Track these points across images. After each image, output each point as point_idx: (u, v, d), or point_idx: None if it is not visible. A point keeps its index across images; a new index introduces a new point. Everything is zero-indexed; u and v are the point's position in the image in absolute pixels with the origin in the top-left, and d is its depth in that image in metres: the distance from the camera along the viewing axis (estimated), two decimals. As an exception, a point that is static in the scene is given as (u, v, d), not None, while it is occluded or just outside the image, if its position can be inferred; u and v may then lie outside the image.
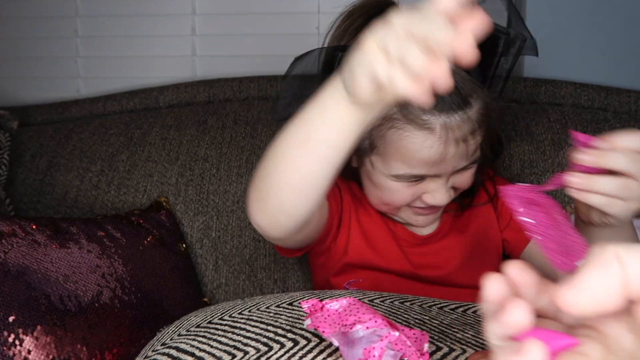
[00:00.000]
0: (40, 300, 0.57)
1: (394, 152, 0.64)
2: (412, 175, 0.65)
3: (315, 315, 0.39)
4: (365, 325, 0.37)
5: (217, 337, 0.44)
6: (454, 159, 0.64)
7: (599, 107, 1.04)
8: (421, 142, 0.62)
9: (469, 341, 0.43)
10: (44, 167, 1.02)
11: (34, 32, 1.29)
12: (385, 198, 0.69)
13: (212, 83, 1.13)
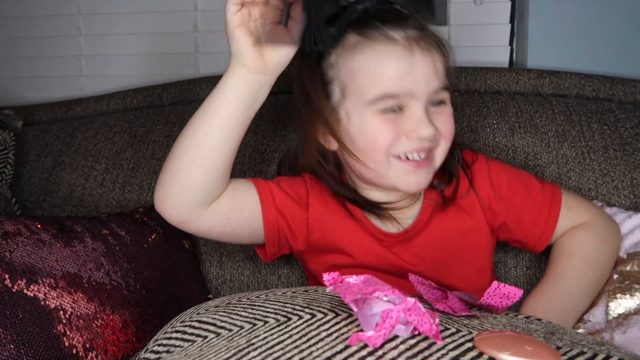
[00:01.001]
0: (46, 298, 0.57)
1: (364, 76, 0.66)
2: (388, 96, 0.65)
3: (336, 284, 0.41)
4: (384, 293, 0.39)
5: (237, 311, 0.46)
6: (424, 73, 0.65)
7: (604, 97, 1.03)
8: (387, 54, 0.65)
9: (475, 326, 0.43)
10: (49, 166, 1.03)
11: (36, 31, 1.29)
12: (369, 142, 0.67)
13: (214, 80, 1.10)
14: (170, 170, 0.66)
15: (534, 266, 0.87)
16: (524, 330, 0.44)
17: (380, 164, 0.68)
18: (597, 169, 0.89)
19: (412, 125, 0.66)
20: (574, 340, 0.43)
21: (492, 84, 1.06)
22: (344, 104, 0.68)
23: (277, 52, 0.64)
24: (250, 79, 0.64)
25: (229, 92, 0.64)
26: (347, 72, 0.67)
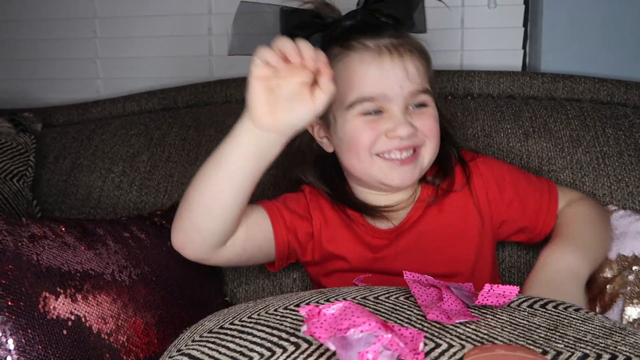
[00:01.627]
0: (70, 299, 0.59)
1: (342, 82, 0.72)
2: (364, 98, 0.71)
3: (311, 321, 0.41)
4: (360, 329, 0.39)
5: (225, 342, 0.47)
6: (395, 76, 0.71)
7: (619, 102, 1.03)
8: (360, 59, 0.72)
9: (469, 336, 0.44)
10: (68, 168, 1.04)
11: (53, 33, 1.31)
12: (352, 141, 0.73)
13: (229, 83, 1.14)
14: (186, 217, 0.68)
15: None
16: (527, 328, 0.45)
17: (364, 161, 0.73)
18: (611, 175, 0.89)
19: (390, 125, 0.71)
20: (578, 336, 0.43)
21: (505, 88, 1.06)
22: (331, 109, 0.73)
23: (292, 113, 0.64)
24: (258, 134, 0.65)
25: (237, 145, 0.66)
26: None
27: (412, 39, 0.76)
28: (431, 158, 0.75)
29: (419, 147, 0.73)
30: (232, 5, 1.24)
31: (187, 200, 0.68)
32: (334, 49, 0.74)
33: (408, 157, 0.73)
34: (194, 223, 0.67)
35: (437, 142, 0.75)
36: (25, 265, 0.57)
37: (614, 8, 1.11)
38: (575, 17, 1.13)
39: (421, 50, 0.75)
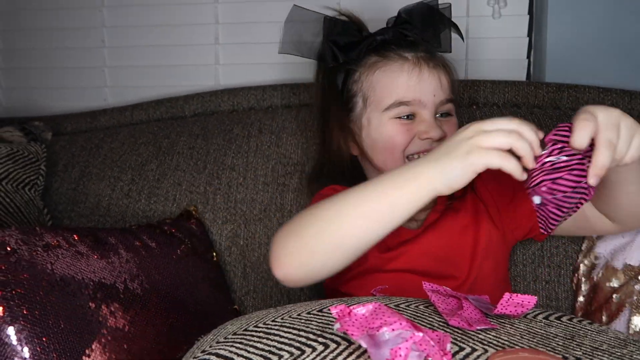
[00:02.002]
0: (85, 309, 0.60)
1: (381, 88, 0.79)
2: (401, 102, 0.77)
3: (343, 319, 0.42)
4: (391, 328, 0.40)
5: (253, 342, 0.47)
6: (431, 85, 0.78)
7: (624, 111, 1.03)
8: (399, 69, 0.78)
9: (491, 341, 0.44)
10: (77, 176, 1.05)
11: (62, 43, 1.33)
12: (388, 143, 0.78)
13: (235, 92, 1.15)
14: (309, 245, 0.60)
15: (554, 280, 0.88)
16: (545, 336, 0.45)
17: (399, 161, 0.77)
18: (617, 184, 0.89)
19: (424, 127, 0.77)
20: (594, 345, 0.44)
21: (510, 97, 1.07)
22: (365, 112, 0.81)
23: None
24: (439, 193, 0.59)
25: (414, 200, 0.58)
26: (368, 85, 0.81)
27: (441, 55, 0.84)
28: None
29: None
30: (238, 15, 1.27)
31: (317, 232, 0.60)
32: (370, 57, 0.82)
33: None
34: (317, 254, 0.60)
35: None
36: (40, 275, 0.58)
37: (618, 18, 1.12)
38: (579, 28, 1.14)
39: (448, 65, 0.83)
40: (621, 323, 0.71)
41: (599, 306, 0.77)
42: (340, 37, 0.82)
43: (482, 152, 0.54)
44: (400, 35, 0.82)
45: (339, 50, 0.82)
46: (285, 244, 0.61)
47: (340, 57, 0.82)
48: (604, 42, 1.13)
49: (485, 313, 0.50)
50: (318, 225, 0.60)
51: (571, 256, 0.87)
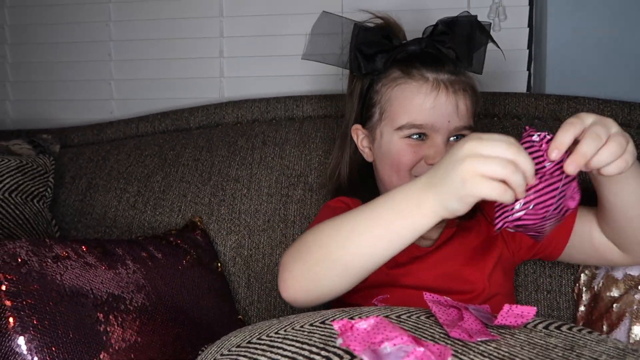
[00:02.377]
0: (93, 319, 0.61)
1: (397, 105, 0.78)
2: (414, 125, 0.76)
3: (346, 334, 0.43)
4: (393, 343, 0.41)
5: (256, 356, 0.48)
6: (446, 111, 0.76)
7: (623, 123, 1.04)
8: (417, 89, 0.77)
9: (491, 353, 0.45)
10: (84, 188, 1.07)
11: (70, 56, 1.35)
12: (395, 161, 0.78)
13: (240, 104, 1.17)
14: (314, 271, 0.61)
15: (555, 290, 0.88)
16: (545, 347, 0.46)
17: (403, 180, 0.77)
18: (616, 195, 0.90)
19: (431, 152, 0.76)
20: (593, 356, 0.45)
21: (511, 109, 1.08)
22: (380, 125, 0.81)
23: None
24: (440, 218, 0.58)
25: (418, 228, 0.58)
26: (386, 99, 0.81)
27: (468, 77, 0.81)
28: None
29: None
30: (243, 29, 1.29)
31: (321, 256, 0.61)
32: (394, 71, 0.80)
33: None
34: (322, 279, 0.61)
35: None
36: (49, 285, 0.59)
37: (617, 31, 1.14)
38: (578, 40, 1.15)
39: (473, 89, 0.81)
40: (621, 332, 0.72)
41: (599, 315, 0.77)
42: (367, 46, 0.81)
43: (478, 182, 0.52)
44: (432, 48, 0.80)
45: (365, 60, 0.81)
46: (292, 269, 0.62)
47: (364, 68, 0.81)
48: (603, 54, 1.15)
49: (486, 324, 0.51)
50: (322, 251, 0.61)
51: (572, 266, 0.87)
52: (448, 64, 0.79)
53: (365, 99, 0.84)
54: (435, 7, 1.18)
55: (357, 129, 0.85)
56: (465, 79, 0.80)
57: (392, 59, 0.80)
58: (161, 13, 1.30)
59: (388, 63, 0.81)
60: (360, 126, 0.85)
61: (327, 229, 0.62)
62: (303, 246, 0.62)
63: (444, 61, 0.79)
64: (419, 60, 0.79)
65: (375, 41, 0.81)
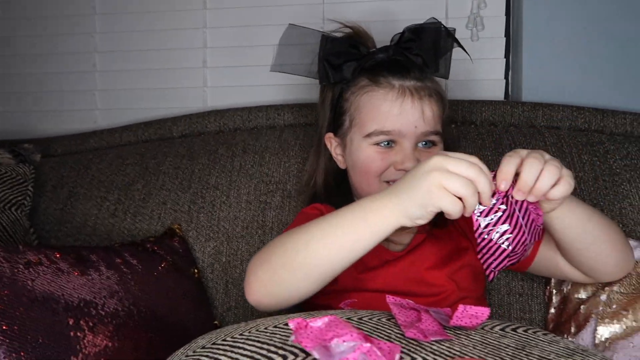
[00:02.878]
0: (64, 325, 0.62)
1: (365, 113, 0.80)
2: (381, 132, 0.78)
3: (299, 332, 0.44)
4: (342, 339, 0.42)
5: (217, 356, 0.49)
6: (413, 117, 0.77)
7: (596, 129, 1.07)
8: (383, 96, 0.79)
9: (443, 352, 0.46)
10: (65, 196, 1.08)
11: (55, 67, 1.37)
12: (363, 168, 0.80)
13: (222, 113, 1.18)
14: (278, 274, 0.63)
15: (527, 293, 0.90)
16: (497, 347, 0.47)
17: (373, 186, 0.79)
18: (587, 199, 0.92)
19: (400, 158, 0.78)
20: (542, 355, 0.46)
21: (487, 116, 1.10)
22: (350, 132, 0.83)
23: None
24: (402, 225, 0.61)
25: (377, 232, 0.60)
26: (355, 107, 0.82)
27: (434, 83, 0.83)
28: None
29: None
30: (226, 40, 1.31)
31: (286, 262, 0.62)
32: (362, 79, 0.82)
33: None
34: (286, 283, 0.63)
35: None
36: (20, 291, 0.60)
37: (591, 41, 1.17)
38: (554, 49, 1.18)
39: (439, 94, 0.82)
40: (588, 333, 0.73)
41: (568, 317, 0.78)
42: (334, 56, 0.83)
43: (442, 194, 0.55)
44: (399, 55, 0.82)
45: (333, 70, 0.83)
46: (257, 272, 0.64)
47: (332, 78, 0.83)
48: (577, 63, 1.17)
49: (444, 325, 0.52)
50: (287, 255, 0.63)
51: (544, 270, 0.89)
52: (414, 70, 0.80)
53: (336, 107, 0.85)
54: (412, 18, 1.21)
55: (330, 137, 0.87)
56: (431, 85, 0.81)
57: (360, 67, 0.82)
58: (146, 24, 1.32)
59: (356, 72, 0.82)
60: (332, 134, 0.86)
61: (293, 234, 0.64)
62: (269, 251, 0.64)
63: (410, 68, 0.80)
64: (386, 68, 0.80)
65: (343, 51, 0.83)
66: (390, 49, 0.82)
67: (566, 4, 1.17)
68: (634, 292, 0.74)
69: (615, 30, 1.16)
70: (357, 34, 0.85)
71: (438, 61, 0.83)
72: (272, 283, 0.63)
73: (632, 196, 0.92)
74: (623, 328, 0.71)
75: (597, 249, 0.72)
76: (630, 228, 0.89)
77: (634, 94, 1.15)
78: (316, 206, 0.86)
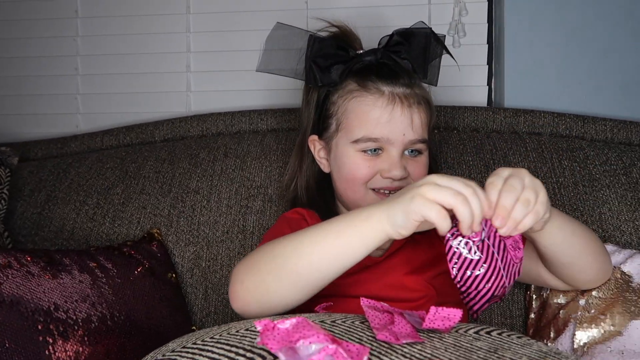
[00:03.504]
0: (33, 329, 0.60)
1: (354, 118, 0.78)
2: (369, 139, 0.76)
3: (265, 334, 0.44)
4: (309, 341, 0.41)
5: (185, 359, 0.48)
6: (402, 124, 0.76)
7: (577, 135, 1.08)
8: (373, 102, 0.77)
9: (414, 354, 0.46)
10: (43, 200, 1.06)
11: (37, 71, 1.35)
12: (349, 174, 0.78)
13: (205, 117, 1.18)
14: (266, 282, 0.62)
15: (508, 298, 0.89)
16: (469, 349, 0.47)
17: (358, 193, 0.79)
18: (567, 204, 0.93)
19: (386, 165, 0.77)
20: (514, 357, 0.46)
21: (470, 122, 1.11)
22: (336, 136, 0.81)
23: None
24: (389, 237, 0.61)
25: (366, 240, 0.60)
26: (342, 112, 0.80)
27: (422, 90, 0.81)
28: None
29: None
30: (210, 44, 1.30)
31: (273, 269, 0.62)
32: (350, 83, 0.80)
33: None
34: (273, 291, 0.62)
35: None
36: (-13, 294, 0.58)
37: (572, 48, 1.18)
38: (536, 56, 1.19)
39: (428, 102, 0.81)
40: (566, 338, 0.73)
41: (547, 322, 0.78)
42: (322, 58, 0.80)
43: (423, 202, 0.55)
44: (387, 59, 0.80)
45: (320, 72, 0.81)
46: (243, 279, 0.62)
47: (320, 80, 0.81)
48: (559, 70, 1.18)
49: (417, 328, 0.52)
50: (275, 262, 0.61)
51: (524, 275, 0.89)
52: (403, 76, 0.78)
53: (322, 109, 0.83)
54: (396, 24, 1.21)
55: (314, 139, 0.85)
56: (420, 92, 0.80)
57: (348, 70, 0.80)
58: (129, 28, 1.31)
59: (344, 75, 0.81)
60: (317, 137, 0.85)
61: (282, 241, 0.63)
62: (256, 259, 0.63)
63: (399, 73, 0.78)
64: (374, 72, 0.78)
65: (331, 53, 0.81)
66: (379, 52, 0.81)
67: (547, 13, 1.18)
68: (612, 297, 0.74)
69: (596, 38, 1.17)
70: (344, 33, 0.84)
71: (426, 67, 0.82)
72: (258, 290, 0.61)
73: (611, 201, 0.92)
74: (601, 332, 0.71)
75: (580, 262, 0.72)
76: (609, 233, 0.90)
77: (614, 101, 1.17)
78: (298, 210, 0.85)
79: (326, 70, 0.81)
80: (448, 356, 0.45)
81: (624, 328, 0.70)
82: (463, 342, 0.49)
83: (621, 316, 0.71)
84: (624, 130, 1.05)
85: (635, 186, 0.93)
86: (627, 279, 0.75)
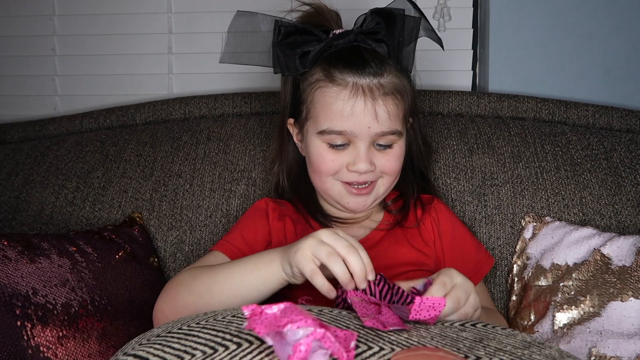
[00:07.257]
0: (11, 314, 0.59)
1: (319, 109, 0.76)
2: (333, 131, 0.74)
3: (252, 318, 0.43)
4: (296, 325, 0.41)
5: (171, 343, 0.48)
6: (365, 118, 0.73)
7: (559, 120, 1.08)
8: (336, 94, 0.74)
9: (400, 342, 0.46)
10: (20, 184, 1.03)
11: (12, 51, 1.31)
12: (315, 165, 0.78)
13: (187, 100, 1.16)
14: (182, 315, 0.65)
15: (490, 281, 0.90)
16: (455, 339, 0.47)
17: (326, 183, 0.79)
18: (549, 189, 0.94)
19: (352, 159, 0.76)
20: (499, 346, 0.46)
21: (454, 107, 1.11)
22: (306, 124, 0.79)
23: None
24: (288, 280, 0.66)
25: (267, 283, 0.65)
26: (310, 101, 0.78)
27: (392, 77, 0.76)
28: (387, 189, 0.81)
29: (375, 181, 0.79)
30: (192, 25, 1.28)
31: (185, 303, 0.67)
32: (317, 72, 0.77)
33: (364, 188, 0.78)
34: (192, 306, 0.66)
35: (395, 178, 0.81)
36: (-38, 279, 0.57)
37: (556, 34, 1.18)
38: (520, 42, 1.19)
39: (399, 91, 0.76)
40: (547, 320, 0.74)
41: (528, 304, 0.79)
42: (287, 47, 0.76)
43: (303, 258, 0.59)
44: (363, 42, 0.76)
45: (287, 60, 0.77)
46: (163, 308, 0.68)
47: (286, 70, 0.78)
48: (542, 55, 1.19)
49: (404, 319, 0.52)
50: (191, 299, 0.67)
51: (506, 257, 0.90)
52: (371, 64, 0.74)
53: (295, 94, 0.82)
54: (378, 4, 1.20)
55: (291, 123, 0.84)
56: (388, 81, 0.75)
57: (318, 55, 0.77)
58: (108, 8, 1.28)
59: (313, 60, 0.77)
60: (293, 120, 0.84)
61: (199, 278, 0.68)
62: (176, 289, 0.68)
63: (368, 62, 0.74)
64: (342, 60, 0.75)
65: (298, 40, 0.76)
66: (352, 33, 0.76)
67: (532, -3, 1.18)
68: (592, 279, 0.75)
69: (580, 25, 1.18)
70: (318, 12, 0.80)
71: (401, 51, 0.78)
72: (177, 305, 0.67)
73: (592, 186, 0.94)
74: (581, 314, 0.72)
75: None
76: (589, 217, 0.91)
77: (597, 87, 1.18)
78: (266, 200, 0.86)
79: (293, 57, 0.77)
80: (434, 344, 0.46)
81: (602, 309, 0.71)
82: (449, 332, 0.49)
83: (600, 298, 0.72)
84: (605, 115, 1.06)
85: (615, 171, 0.95)
86: (607, 261, 0.76)
